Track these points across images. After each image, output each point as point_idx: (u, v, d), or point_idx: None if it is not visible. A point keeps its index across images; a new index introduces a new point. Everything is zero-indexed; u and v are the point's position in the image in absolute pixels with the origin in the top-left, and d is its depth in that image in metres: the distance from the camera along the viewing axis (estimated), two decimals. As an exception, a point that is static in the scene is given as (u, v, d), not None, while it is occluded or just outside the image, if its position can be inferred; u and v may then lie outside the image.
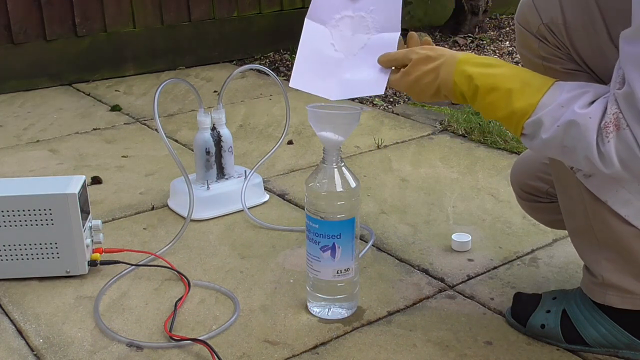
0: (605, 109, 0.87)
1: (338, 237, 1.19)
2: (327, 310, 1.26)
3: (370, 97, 2.69)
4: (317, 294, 1.25)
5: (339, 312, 1.26)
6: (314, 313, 1.27)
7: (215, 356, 1.13)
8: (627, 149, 0.85)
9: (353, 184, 1.19)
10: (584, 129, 0.88)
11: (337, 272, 1.21)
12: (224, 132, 1.71)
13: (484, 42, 3.64)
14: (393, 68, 1.09)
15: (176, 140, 2.25)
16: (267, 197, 1.78)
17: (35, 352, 1.18)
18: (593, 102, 0.90)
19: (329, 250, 1.19)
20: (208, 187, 1.68)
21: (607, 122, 0.86)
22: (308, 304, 1.28)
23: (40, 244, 1.37)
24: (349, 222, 1.19)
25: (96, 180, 1.91)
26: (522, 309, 1.21)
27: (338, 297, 1.24)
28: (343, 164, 1.19)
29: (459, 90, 1.00)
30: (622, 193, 1.00)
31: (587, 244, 1.09)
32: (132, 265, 1.42)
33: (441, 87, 1.02)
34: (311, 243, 1.21)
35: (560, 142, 0.91)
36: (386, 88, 1.10)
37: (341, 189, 1.18)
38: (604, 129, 0.86)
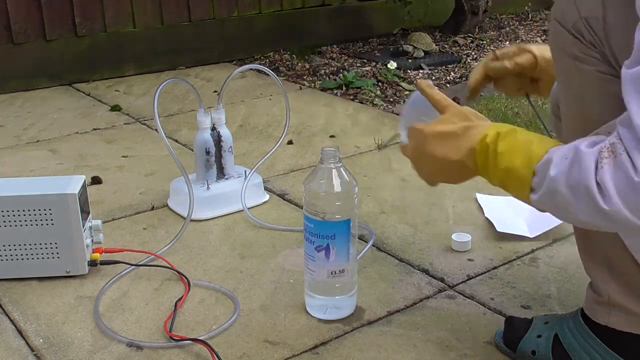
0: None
1: (332, 237, 1.19)
2: (323, 310, 1.26)
3: (370, 97, 2.69)
4: (313, 294, 1.25)
5: (336, 312, 1.26)
6: (310, 313, 1.27)
7: (215, 356, 1.13)
8: (623, 176, 0.79)
9: (350, 185, 1.19)
10: (585, 157, 0.84)
11: (332, 273, 1.21)
12: (224, 132, 1.71)
13: (484, 42, 3.64)
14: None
15: (176, 140, 2.25)
16: (267, 197, 1.78)
17: (35, 352, 1.18)
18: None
19: (323, 251, 1.19)
20: (208, 187, 1.68)
21: (603, 148, 0.82)
22: (306, 303, 1.28)
23: (40, 244, 1.37)
24: (343, 224, 1.19)
25: (96, 180, 1.91)
26: (513, 334, 1.16)
27: (335, 297, 1.24)
28: (341, 164, 1.19)
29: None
30: None
31: (596, 260, 1.04)
32: (132, 265, 1.42)
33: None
34: (307, 242, 1.21)
35: (566, 180, 0.86)
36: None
37: (339, 190, 1.18)
38: (600, 154, 0.82)
